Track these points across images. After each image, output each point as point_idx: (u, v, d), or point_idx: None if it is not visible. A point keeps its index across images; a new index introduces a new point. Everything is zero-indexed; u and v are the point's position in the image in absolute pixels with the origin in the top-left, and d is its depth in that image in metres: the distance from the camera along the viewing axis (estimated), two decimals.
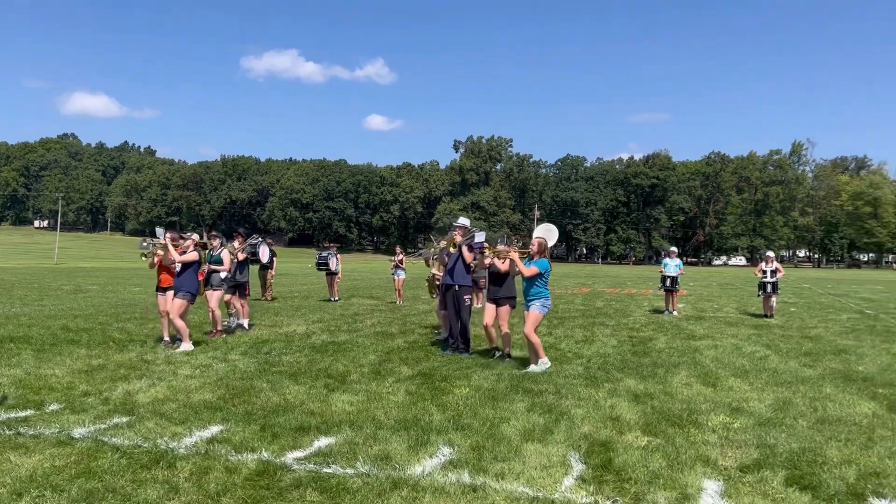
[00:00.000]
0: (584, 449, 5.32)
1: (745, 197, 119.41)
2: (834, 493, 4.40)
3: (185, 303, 9.96)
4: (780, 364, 9.31)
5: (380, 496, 4.34)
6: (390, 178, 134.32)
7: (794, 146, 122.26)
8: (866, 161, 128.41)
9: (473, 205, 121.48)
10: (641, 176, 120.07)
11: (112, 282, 30.13)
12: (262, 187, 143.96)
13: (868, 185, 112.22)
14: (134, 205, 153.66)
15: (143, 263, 11.26)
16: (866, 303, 21.91)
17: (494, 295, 9.58)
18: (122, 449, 5.17)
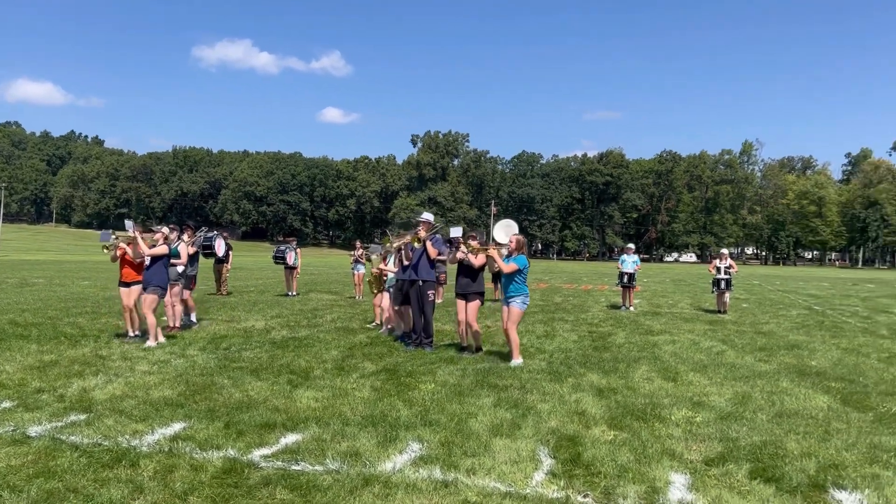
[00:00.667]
0: (553, 444, 5.35)
1: (697, 195, 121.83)
2: (796, 486, 4.51)
3: (157, 297, 9.80)
4: (737, 359, 9.52)
5: (351, 493, 4.29)
6: (347, 171, 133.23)
7: (745, 146, 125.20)
8: (811, 161, 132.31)
9: (431, 200, 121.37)
10: (596, 173, 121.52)
11: (59, 275, 29.26)
12: (215, 179, 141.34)
13: (813, 184, 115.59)
14: (81, 196, 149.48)
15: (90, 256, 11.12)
16: (813, 299, 22.58)
17: (464, 290, 9.59)
18: (81, 448, 5.02)
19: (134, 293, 10.06)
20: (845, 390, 7.53)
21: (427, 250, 10.13)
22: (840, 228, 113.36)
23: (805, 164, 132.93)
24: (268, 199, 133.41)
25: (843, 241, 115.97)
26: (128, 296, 10.13)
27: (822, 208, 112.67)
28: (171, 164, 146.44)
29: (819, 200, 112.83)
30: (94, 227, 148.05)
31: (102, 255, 50.94)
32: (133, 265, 10.02)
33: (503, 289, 9.06)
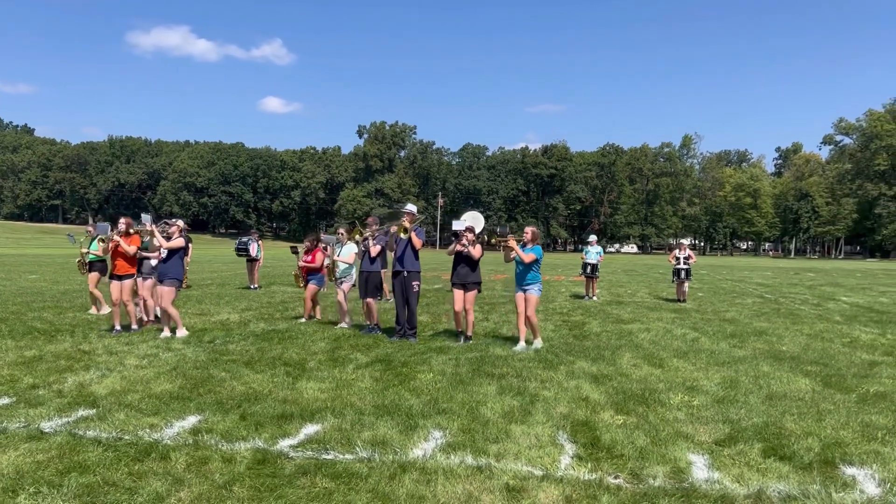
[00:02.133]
0: (569, 428, 5.52)
1: (638, 187, 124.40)
2: (809, 462, 4.78)
3: (174, 290, 9.81)
4: (713, 345, 9.90)
5: (392, 479, 4.37)
6: (291, 162, 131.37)
7: (685, 139, 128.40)
8: (747, 155, 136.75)
9: (377, 191, 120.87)
10: (541, 166, 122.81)
11: (2, 269, 28.17)
12: (153, 170, 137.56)
13: (749, 177, 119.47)
14: (11, 187, 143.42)
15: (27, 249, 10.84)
16: (763, 288, 23.46)
17: (464, 280, 9.84)
18: (103, 442, 4.96)
19: (126, 287, 9.94)
20: (822, 373, 7.93)
21: (412, 241, 10.21)
22: (774, 220, 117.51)
23: (741, 157, 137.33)
24: (209, 191, 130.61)
25: (777, 231, 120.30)
26: (119, 289, 9.95)
27: (758, 200, 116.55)
28: (108, 154, 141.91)
29: (754, 192, 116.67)
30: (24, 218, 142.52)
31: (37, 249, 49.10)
32: (126, 258, 9.86)
33: (520, 277, 9.60)
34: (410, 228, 10.18)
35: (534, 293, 9.52)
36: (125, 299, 10.14)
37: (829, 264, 64.54)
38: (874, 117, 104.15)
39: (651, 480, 4.44)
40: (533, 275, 9.54)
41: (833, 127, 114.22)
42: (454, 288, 10.04)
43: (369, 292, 10.77)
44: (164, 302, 9.74)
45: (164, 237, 10.10)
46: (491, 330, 11.27)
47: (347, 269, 11.37)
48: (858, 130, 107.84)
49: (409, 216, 10.37)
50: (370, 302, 10.74)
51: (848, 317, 14.17)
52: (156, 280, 11.33)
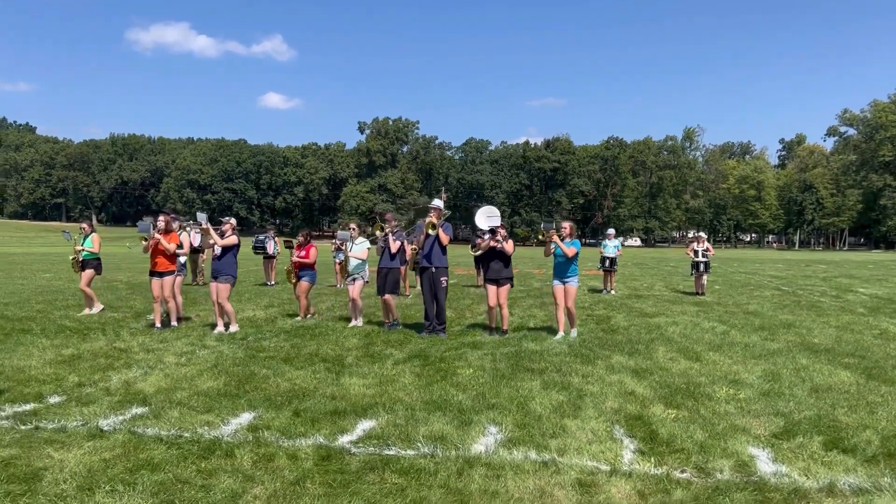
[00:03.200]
0: (623, 423, 5.53)
1: (641, 180, 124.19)
2: (873, 455, 4.79)
3: (230, 286, 10.04)
4: (744, 338, 9.89)
5: (460, 475, 4.38)
6: (294, 158, 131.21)
7: (687, 132, 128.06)
8: (750, 147, 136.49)
9: (381, 187, 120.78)
10: (544, 160, 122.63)
11: (14, 268, 28.20)
12: (156, 167, 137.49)
13: (753, 169, 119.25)
14: (14, 185, 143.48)
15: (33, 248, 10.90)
16: (777, 280, 23.43)
17: (497, 276, 9.99)
18: (164, 440, 4.97)
19: (167, 283, 10.08)
20: (861, 366, 7.93)
21: (439, 237, 10.21)
22: (778, 212, 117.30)
23: (744, 149, 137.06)
24: (212, 188, 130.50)
25: (781, 223, 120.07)
26: (159, 286, 10.10)
27: (762, 192, 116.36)
28: (110, 151, 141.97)
29: (758, 185, 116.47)
30: (28, 217, 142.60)
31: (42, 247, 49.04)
32: (166, 256, 9.94)
33: (559, 270, 9.93)
34: (438, 224, 10.19)
35: (573, 285, 9.95)
36: (166, 295, 10.26)
37: (837, 256, 64.42)
38: (879, 108, 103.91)
39: (718, 474, 4.44)
40: (573, 268, 9.93)
41: (837, 118, 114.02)
42: (487, 283, 10.13)
43: (388, 289, 10.68)
44: (221, 298, 9.99)
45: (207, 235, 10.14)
46: (518, 324, 11.26)
47: (360, 266, 11.18)
48: (863, 121, 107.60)
49: (436, 212, 10.37)
50: (388, 298, 10.67)
51: (871, 308, 14.16)
52: (182, 277, 11.41)
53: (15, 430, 5.19)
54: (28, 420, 5.44)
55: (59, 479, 4.21)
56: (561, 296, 9.96)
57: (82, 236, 12.48)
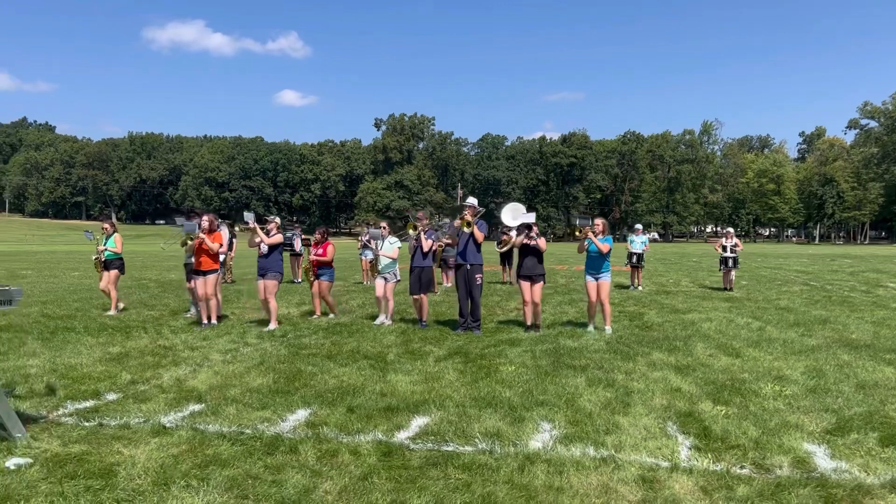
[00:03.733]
0: (675, 419, 5.58)
1: (659, 175, 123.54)
2: None
3: (276, 283, 10.27)
4: (780, 334, 9.88)
5: (522, 470, 4.45)
6: (311, 156, 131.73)
7: (705, 126, 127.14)
8: (769, 140, 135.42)
9: (397, 183, 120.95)
10: (560, 155, 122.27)
11: (42, 266, 28.61)
12: (174, 166, 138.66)
13: (772, 163, 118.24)
14: (35, 184, 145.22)
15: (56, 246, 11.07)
16: (804, 275, 23.28)
17: (531, 272, 10.11)
18: (227, 436, 5.08)
19: (210, 282, 10.25)
20: None
21: (474, 234, 10.28)
22: (798, 206, 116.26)
23: (762, 142, 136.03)
24: (230, 185, 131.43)
25: (801, 217, 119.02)
26: (203, 285, 10.33)
27: (781, 186, 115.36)
28: (128, 150, 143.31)
29: (777, 178, 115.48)
30: (49, 216, 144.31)
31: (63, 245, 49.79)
32: (210, 255, 10.10)
33: (592, 266, 10.18)
34: (473, 222, 10.25)
35: (606, 280, 10.19)
36: (209, 293, 10.42)
37: (860, 250, 63.83)
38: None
39: (778, 470, 4.48)
40: (606, 263, 10.18)
41: (858, 111, 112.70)
42: (521, 280, 10.20)
43: (422, 287, 10.73)
44: (269, 294, 10.23)
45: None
46: (550, 321, 11.30)
47: (391, 265, 11.14)
48: (884, 114, 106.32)
49: (471, 209, 10.43)
50: (423, 298, 10.72)
51: None
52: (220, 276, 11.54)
53: (80, 426, 5.33)
54: (91, 417, 5.57)
55: (132, 474, 4.33)
56: (594, 291, 10.20)
57: (104, 236, 12.45)
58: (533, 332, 9.98)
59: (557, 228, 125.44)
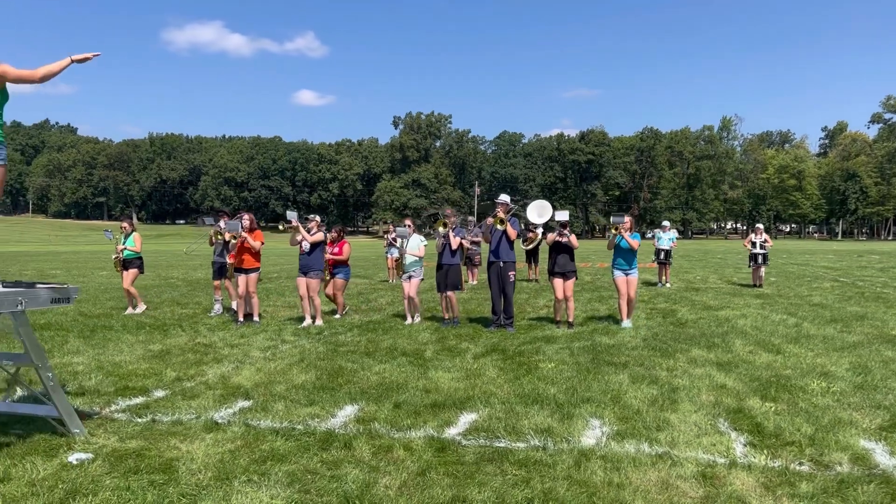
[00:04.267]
0: (725, 416, 5.54)
1: (678, 171, 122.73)
2: None
3: (320, 281, 10.55)
4: (819, 331, 9.78)
5: (578, 467, 4.45)
6: (328, 155, 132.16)
7: (724, 121, 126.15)
8: (789, 135, 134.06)
9: (415, 182, 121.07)
10: (578, 152, 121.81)
11: (70, 266, 28.95)
12: (194, 166, 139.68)
13: (793, 158, 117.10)
14: (58, 185, 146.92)
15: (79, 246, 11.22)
16: (832, 271, 23.04)
17: (564, 269, 10.19)
18: (279, 431, 5.12)
19: (252, 280, 10.52)
20: None
21: (507, 232, 10.27)
22: (819, 201, 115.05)
23: (783, 138, 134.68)
24: (249, 185, 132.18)
25: (823, 213, 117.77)
26: (245, 282, 10.54)
27: (802, 182, 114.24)
28: (149, 151, 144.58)
29: (799, 174, 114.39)
30: (71, 216, 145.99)
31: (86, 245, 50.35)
32: (252, 253, 10.25)
33: (622, 262, 10.46)
34: (506, 219, 10.24)
35: (636, 276, 10.52)
36: (251, 291, 10.60)
37: (886, 246, 62.92)
38: None
39: (838, 467, 4.44)
40: (635, 260, 10.50)
41: (881, 105, 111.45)
42: (554, 277, 10.22)
43: (450, 285, 10.65)
44: (313, 292, 10.45)
45: None
46: (582, 318, 11.27)
47: (416, 263, 11.01)
48: None
49: (503, 207, 10.43)
50: (451, 295, 10.65)
51: None
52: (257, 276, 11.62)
53: (133, 422, 5.38)
54: (142, 413, 5.63)
55: (192, 469, 4.37)
56: (624, 286, 10.40)
57: (123, 235, 12.44)
58: (566, 329, 10.01)
59: (575, 226, 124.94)
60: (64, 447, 4.77)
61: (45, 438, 4.94)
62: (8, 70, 4.75)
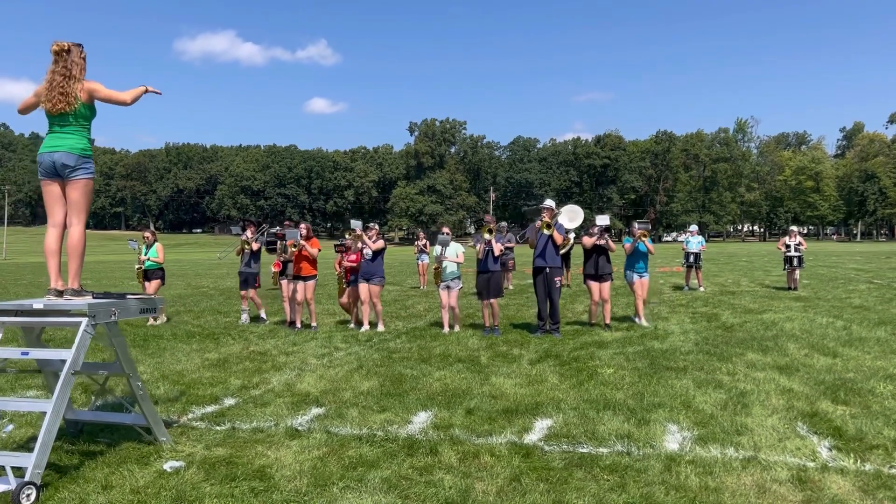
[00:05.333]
0: (801, 420, 5.53)
1: (694, 174, 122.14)
2: None
3: (381, 287, 10.85)
4: (869, 333, 9.73)
5: (669, 471, 4.46)
6: (344, 162, 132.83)
7: (739, 124, 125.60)
8: (806, 137, 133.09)
9: (430, 188, 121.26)
10: (593, 156, 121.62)
11: (101, 276, 29.25)
12: (211, 175, 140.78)
13: (810, 160, 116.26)
14: None
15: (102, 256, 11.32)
16: (864, 273, 22.86)
17: (602, 271, 10.56)
18: (362, 438, 5.16)
19: (310, 287, 10.85)
20: None
21: (553, 237, 10.29)
22: (837, 203, 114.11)
23: (799, 139, 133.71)
24: (265, 193, 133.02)
25: (841, 214, 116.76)
26: (303, 289, 10.85)
27: (820, 183, 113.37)
28: (165, 161, 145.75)
29: (816, 175, 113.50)
30: (89, 227, 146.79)
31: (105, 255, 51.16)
32: (309, 260, 10.43)
33: (634, 266, 11.25)
34: (553, 224, 10.27)
35: (647, 277, 11.35)
36: (308, 298, 10.89)
37: None
38: None
39: None
40: (647, 264, 11.40)
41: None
42: (590, 280, 10.50)
43: (493, 292, 10.43)
44: (375, 298, 10.71)
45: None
46: (622, 318, 11.27)
47: (457, 271, 10.73)
48: None
49: (549, 212, 10.45)
50: (495, 303, 10.45)
51: None
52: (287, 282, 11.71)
53: (213, 430, 5.45)
54: (220, 421, 5.70)
55: (287, 475, 4.42)
56: (640, 288, 11.18)
57: (145, 246, 12.43)
58: (601, 330, 10.39)
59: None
60: (154, 455, 4.84)
61: (133, 447, 5.01)
62: (99, 88, 4.86)
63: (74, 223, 4.87)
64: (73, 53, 4.83)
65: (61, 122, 4.82)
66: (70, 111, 4.76)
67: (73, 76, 4.79)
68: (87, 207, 4.95)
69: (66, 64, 4.79)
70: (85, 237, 4.98)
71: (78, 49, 4.88)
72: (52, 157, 4.76)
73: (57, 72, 4.79)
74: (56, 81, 4.77)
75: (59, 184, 4.86)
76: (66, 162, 4.76)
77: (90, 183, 4.90)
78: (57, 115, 4.79)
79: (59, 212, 4.89)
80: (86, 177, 4.86)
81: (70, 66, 4.79)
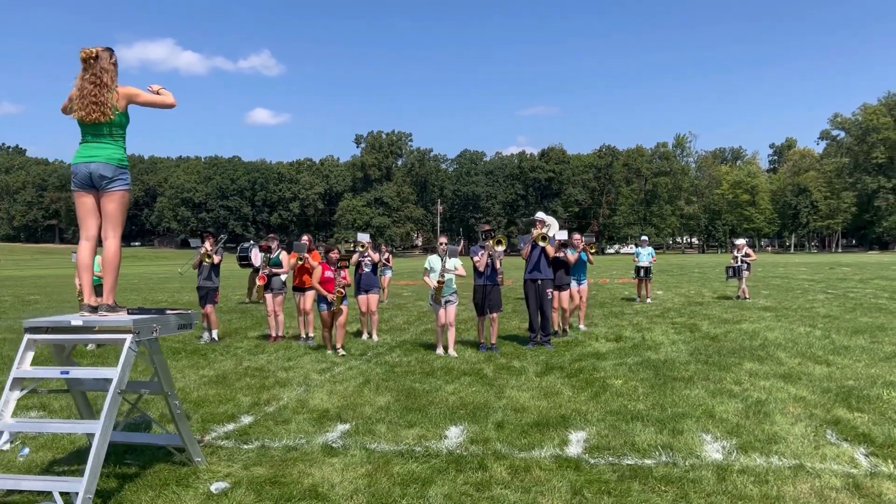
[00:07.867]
0: (827, 427, 5.66)
1: (635, 187, 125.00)
2: None
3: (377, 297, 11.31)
4: (851, 342, 10.05)
5: (723, 481, 4.49)
6: (288, 174, 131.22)
7: (678, 139, 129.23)
8: (741, 152, 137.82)
9: (377, 200, 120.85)
10: (538, 170, 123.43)
11: (50, 291, 28.07)
12: (149, 187, 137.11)
13: (746, 174, 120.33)
14: (6, 208, 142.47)
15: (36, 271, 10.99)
16: (816, 283, 23.64)
17: (560, 282, 11.29)
18: (403, 454, 5.06)
19: (309, 298, 10.86)
20: None
21: (546, 249, 10.34)
22: (773, 216, 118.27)
23: (735, 154, 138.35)
24: (207, 205, 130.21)
25: (776, 227, 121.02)
26: (304, 301, 10.92)
27: (756, 196, 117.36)
28: None
29: (752, 189, 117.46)
30: (21, 240, 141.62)
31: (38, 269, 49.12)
32: (311, 273, 10.17)
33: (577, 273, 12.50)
34: (548, 236, 10.33)
35: (586, 285, 12.73)
36: (307, 309, 11.07)
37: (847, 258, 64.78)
38: (869, 111, 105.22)
39: None
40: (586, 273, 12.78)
41: (829, 122, 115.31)
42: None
43: (493, 306, 10.01)
44: (374, 306, 11.13)
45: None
46: (615, 336, 11.38)
47: (454, 286, 9.98)
48: (854, 125, 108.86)
49: (541, 224, 10.51)
50: (496, 318, 10.06)
51: None
52: (284, 296, 11.45)
53: (242, 449, 5.26)
54: (245, 440, 5.51)
55: (342, 494, 4.30)
56: (577, 295, 12.37)
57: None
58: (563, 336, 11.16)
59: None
60: (192, 476, 4.65)
61: (167, 468, 4.81)
62: (138, 93, 4.68)
63: (110, 236, 4.65)
64: (102, 60, 4.61)
65: (95, 131, 4.60)
66: (105, 121, 4.55)
67: (104, 84, 4.57)
68: (123, 220, 4.74)
69: (94, 71, 4.57)
70: (120, 251, 4.75)
71: (107, 54, 4.66)
72: (89, 167, 4.54)
73: (87, 80, 4.57)
74: (87, 90, 4.55)
75: (94, 195, 4.63)
76: (104, 173, 4.54)
77: (126, 195, 4.70)
78: (90, 124, 4.57)
79: (93, 224, 4.66)
80: (123, 188, 4.66)
81: (100, 74, 4.57)
